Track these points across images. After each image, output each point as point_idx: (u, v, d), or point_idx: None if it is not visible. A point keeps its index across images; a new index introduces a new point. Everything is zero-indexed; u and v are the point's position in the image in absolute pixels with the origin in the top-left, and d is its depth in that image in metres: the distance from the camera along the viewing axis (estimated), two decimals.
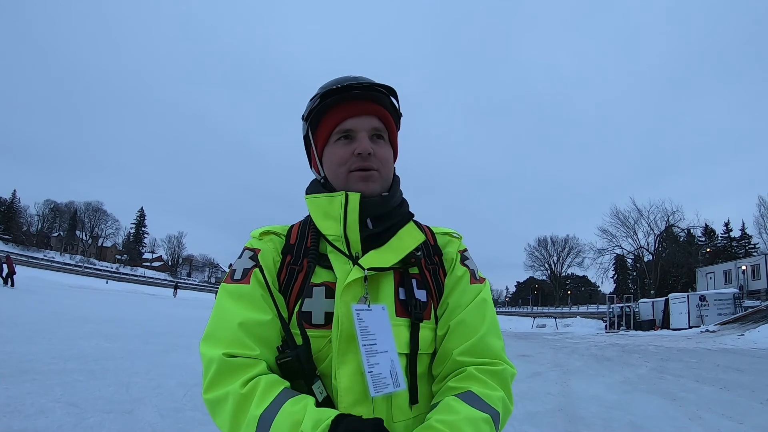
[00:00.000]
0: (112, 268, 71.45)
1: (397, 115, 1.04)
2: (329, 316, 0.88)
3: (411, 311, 0.92)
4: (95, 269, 59.75)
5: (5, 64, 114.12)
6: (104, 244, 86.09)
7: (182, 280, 73.17)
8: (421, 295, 0.95)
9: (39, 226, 78.37)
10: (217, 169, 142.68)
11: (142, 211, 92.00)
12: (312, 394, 0.81)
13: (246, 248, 0.99)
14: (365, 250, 0.93)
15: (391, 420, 0.86)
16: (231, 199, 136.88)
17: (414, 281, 0.95)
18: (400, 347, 0.89)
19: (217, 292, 1.03)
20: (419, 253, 0.98)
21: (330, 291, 0.90)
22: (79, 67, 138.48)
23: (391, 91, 1.01)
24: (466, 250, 1.08)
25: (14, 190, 75.29)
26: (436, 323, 0.97)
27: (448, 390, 0.88)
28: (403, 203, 1.04)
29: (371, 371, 0.82)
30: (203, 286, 73.62)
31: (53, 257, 65.40)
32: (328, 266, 0.93)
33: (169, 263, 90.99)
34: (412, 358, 0.90)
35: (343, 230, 0.93)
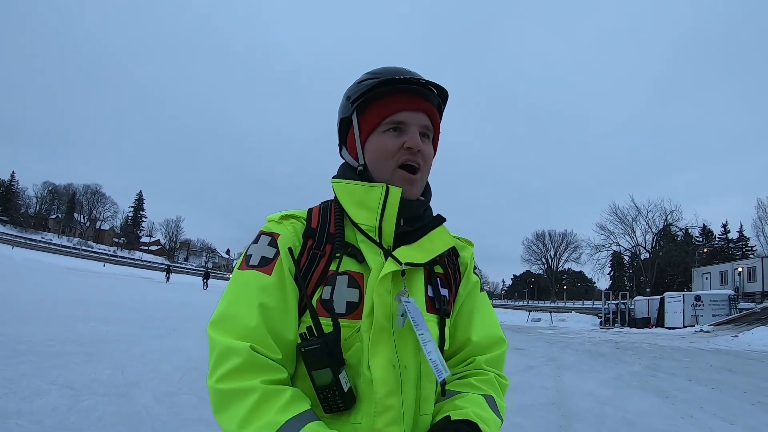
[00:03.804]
0: (109, 251, 71.48)
1: (440, 117, 1.04)
2: (350, 306, 0.87)
3: (440, 308, 0.95)
4: (93, 252, 59.69)
5: (4, 46, 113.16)
6: (102, 227, 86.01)
7: (177, 264, 73.00)
8: (444, 292, 0.99)
9: (37, 208, 78.24)
10: (215, 155, 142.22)
11: (140, 194, 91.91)
12: (338, 383, 0.80)
13: (263, 233, 0.93)
14: (395, 246, 0.93)
15: (418, 413, 0.88)
16: (229, 185, 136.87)
17: (438, 279, 0.99)
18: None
19: (227, 279, 1.01)
20: (445, 252, 1.00)
21: (353, 280, 0.89)
22: (79, 51, 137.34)
23: (443, 93, 1.01)
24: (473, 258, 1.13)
25: (13, 172, 75.15)
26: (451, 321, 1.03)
27: (472, 386, 0.95)
28: (428, 208, 1.04)
29: (431, 359, 0.84)
30: (200, 270, 73.59)
31: (51, 239, 65.39)
32: (352, 254, 0.91)
33: (167, 247, 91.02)
34: (441, 351, 0.93)
35: (379, 222, 0.92)
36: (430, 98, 0.98)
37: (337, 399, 0.81)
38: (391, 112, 0.94)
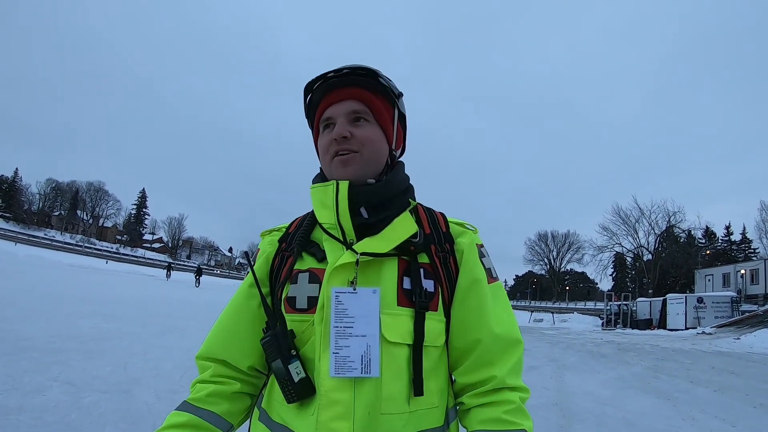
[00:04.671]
0: (112, 248, 71.60)
1: (386, 95, 0.99)
2: (312, 301, 0.90)
3: (415, 300, 0.89)
4: (95, 249, 59.88)
5: (7, 43, 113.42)
6: (105, 224, 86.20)
7: (179, 262, 73.01)
8: (428, 284, 0.91)
9: (40, 205, 78.38)
10: (218, 153, 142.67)
11: (143, 192, 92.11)
12: (288, 374, 0.85)
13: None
14: (360, 239, 0.92)
15: (377, 411, 0.83)
16: (232, 183, 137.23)
17: (422, 270, 0.92)
18: (402, 337, 0.87)
19: (216, 275, 1.09)
20: (417, 240, 0.93)
21: (314, 276, 0.92)
22: (83, 49, 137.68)
23: (370, 73, 0.97)
24: (482, 245, 1.03)
25: (16, 169, 75.29)
26: (445, 315, 0.94)
27: (503, 422, 0.87)
28: (408, 190, 1.02)
29: (336, 353, 0.84)
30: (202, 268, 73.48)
31: (54, 236, 65.60)
32: (312, 252, 0.95)
33: (169, 245, 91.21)
34: (416, 348, 0.87)
35: (336, 218, 0.92)
36: (357, 83, 0.96)
37: (290, 389, 0.85)
38: (321, 112, 0.98)
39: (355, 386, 0.83)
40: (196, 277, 34.37)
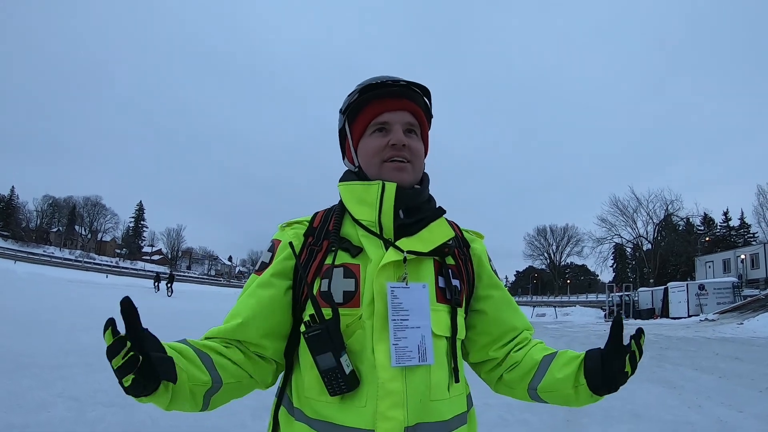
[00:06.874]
0: (111, 262, 71.39)
1: (429, 114, 1.11)
2: (347, 295, 0.94)
3: (451, 297, 1.00)
4: (95, 264, 59.66)
5: (1, 58, 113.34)
6: (103, 239, 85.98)
7: (179, 273, 72.89)
8: (456, 283, 1.03)
9: (38, 222, 78.23)
10: (214, 162, 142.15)
11: (140, 204, 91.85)
12: (340, 366, 0.86)
13: (272, 240, 1.07)
14: (396, 238, 0.99)
15: (428, 398, 0.91)
16: (229, 192, 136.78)
17: (450, 271, 1.03)
18: (443, 330, 0.97)
19: (216, 284, 1.07)
20: (451, 242, 1.04)
21: (349, 271, 0.96)
22: (74, 63, 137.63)
23: (425, 91, 1.09)
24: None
25: (12, 187, 75.07)
26: (466, 311, 1.08)
27: (539, 351, 1.06)
28: (431, 199, 1.10)
29: (396, 344, 0.90)
30: (201, 278, 73.47)
31: (53, 252, 65.43)
32: (346, 249, 0.99)
33: (169, 256, 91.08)
34: (453, 341, 0.98)
35: (378, 216, 0.99)
36: (412, 98, 1.05)
37: (340, 381, 0.87)
38: (375, 114, 1.04)
39: (406, 376, 0.90)
40: (167, 285, 29.99)
